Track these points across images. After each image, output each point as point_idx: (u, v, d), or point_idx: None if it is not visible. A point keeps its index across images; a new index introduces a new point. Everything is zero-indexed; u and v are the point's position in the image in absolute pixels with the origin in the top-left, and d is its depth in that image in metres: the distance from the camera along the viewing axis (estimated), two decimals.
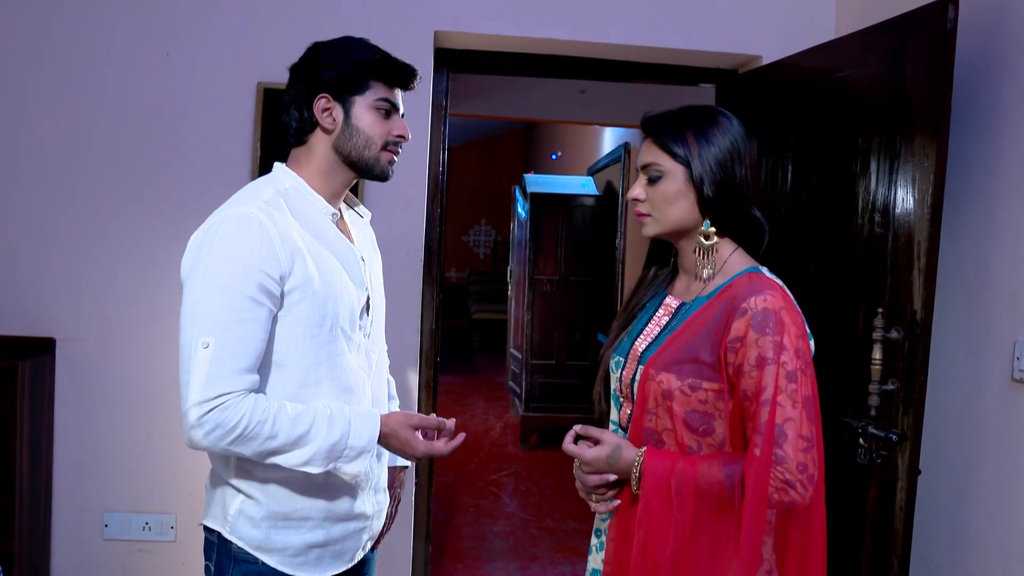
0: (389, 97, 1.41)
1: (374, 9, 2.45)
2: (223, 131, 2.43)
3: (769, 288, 1.28)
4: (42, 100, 2.38)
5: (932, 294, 1.80)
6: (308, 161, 1.42)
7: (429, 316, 2.65)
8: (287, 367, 1.33)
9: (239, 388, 1.24)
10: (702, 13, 2.54)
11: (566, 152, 8.08)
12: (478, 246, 11.70)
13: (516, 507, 4.25)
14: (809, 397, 1.24)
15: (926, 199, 1.80)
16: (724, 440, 1.30)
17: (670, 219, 1.36)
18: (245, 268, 1.25)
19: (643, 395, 1.34)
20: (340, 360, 1.37)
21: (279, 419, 1.26)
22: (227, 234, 1.27)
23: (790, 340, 1.24)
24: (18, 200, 2.39)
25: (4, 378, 2.22)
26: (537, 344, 5.46)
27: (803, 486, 1.21)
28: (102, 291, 2.42)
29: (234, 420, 1.22)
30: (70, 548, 2.46)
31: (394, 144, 1.43)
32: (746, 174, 1.35)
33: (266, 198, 1.34)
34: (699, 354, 1.30)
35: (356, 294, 1.40)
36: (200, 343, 1.23)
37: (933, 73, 1.79)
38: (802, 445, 1.21)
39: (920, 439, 1.82)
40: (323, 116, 1.39)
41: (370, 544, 1.53)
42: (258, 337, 1.27)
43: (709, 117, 1.36)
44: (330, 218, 1.41)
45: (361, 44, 1.41)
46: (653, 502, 1.28)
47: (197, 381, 1.22)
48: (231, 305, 1.24)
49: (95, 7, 2.38)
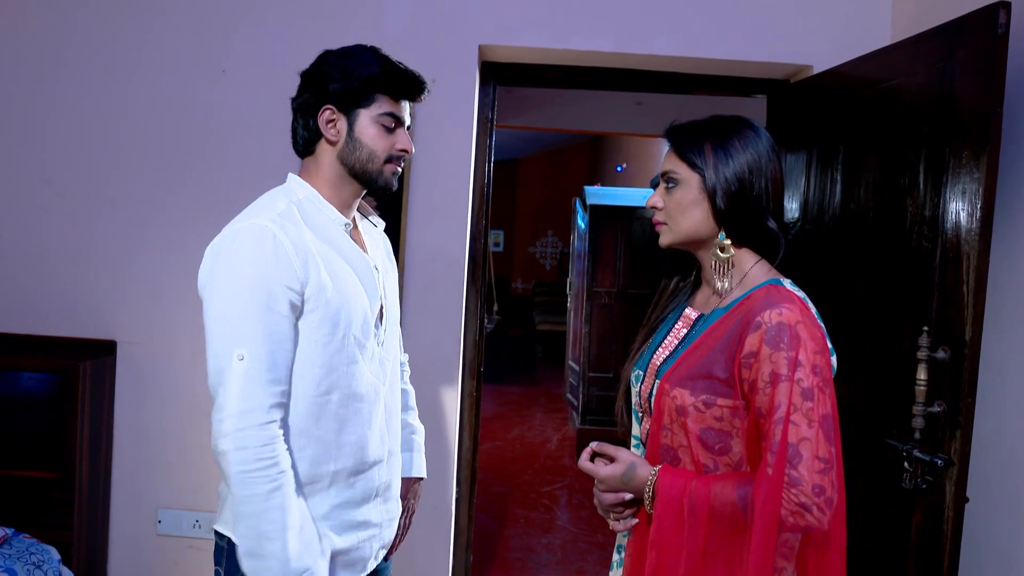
0: (394, 111, 1.42)
1: (419, 23, 2.50)
2: (275, 142, 2.50)
3: (786, 301, 1.24)
4: (106, 114, 2.52)
5: (981, 312, 1.71)
6: (317, 172, 1.44)
7: (473, 326, 2.67)
8: (301, 375, 1.34)
9: (272, 401, 1.28)
10: (747, 23, 2.50)
11: (631, 164, 8.02)
12: (544, 257, 11.72)
13: (567, 520, 4.22)
14: (827, 416, 1.20)
15: (975, 212, 1.71)
16: (741, 459, 1.27)
17: (684, 228, 1.34)
18: (267, 281, 1.28)
19: (659, 410, 1.32)
20: (352, 368, 1.38)
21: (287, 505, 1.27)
22: (242, 246, 1.30)
23: (806, 356, 1.19)
24: (83, 209, 2.53)
25: (67, 378, 2.34)
26: (594, 357, 5.42)
27: (820, 510, 1.16)
28: (159, 296, 2.53)
29: (265, 452, 1.26)
30: (125, 542, 2.57)
31: (397, 158, 1.44)
32: (766, 188, 1.32)
33: (280, 210, 1.36)
34: (713, 369, 1.27)
35: (370, 303, 1.42)
36: (235, 355, 1.25)
37: (983, 81, 1.71)
38: (819, 467, 1.17)
39: (968, 464, 1.73)
40: (327, 128, 1.40)
41: (383, 553, 1.54)
42: (287, 348, 1.30)
43: (732, 128, 1.34)
44: (343, 228, 1.43)
45: (369, 56, 1.41)
46: (665, 522, 1.26)
47: (232, 392, 1.25)
48: (260, 318, 1.27)
49: (157, 28, 2.51)
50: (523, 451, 5.51)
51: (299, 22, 2.50)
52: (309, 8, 2.50)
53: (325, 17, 2.50)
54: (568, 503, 4.49)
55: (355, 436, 1.41)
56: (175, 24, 2.51)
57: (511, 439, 5.80)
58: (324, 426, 1.36)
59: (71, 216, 2.53)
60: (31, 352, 2.46)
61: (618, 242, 5.43)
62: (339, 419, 1.38)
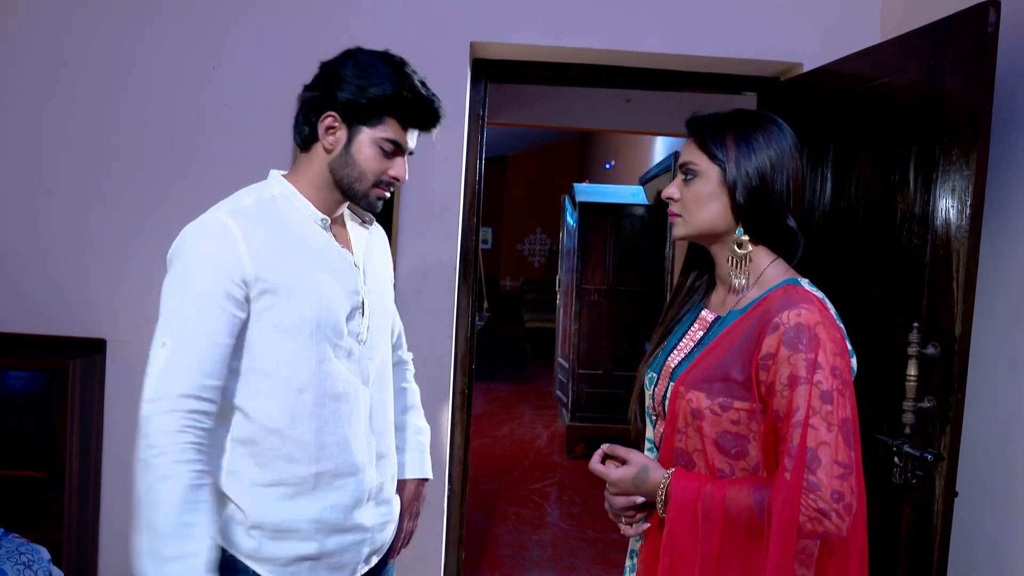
0: (397, 139, 1.37)
1: (411, 20, 2.49)
2: (266, 140, 2.50)
3: (804, 302, 1.21)
4: (97, 112, 2.50)
5: (971, 308, 1.73)
6: (306, 172, 1.41)
7: (464, 324, 2.67)
8: (269, 374, 1.32)
9: (185, 391, 1.23)
10: (737, 21, 2.51)
11: (619, 162, 8.04)
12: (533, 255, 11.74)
13: (558, 516, 4.23)
14: (847, 420, 1.16)
15: (965, 210, 1.73)
16: (758, 464, 1.23)
17: (700, 221, 1.30)
18: (205, 272, 1.27)
19: (673, 413, 1.28)
20: (325, 367, 1.34)
21: (174, 489, 1.20)
22: (192, 239, 1.30)
23: (825, 357, 1.16)
24: (73, 207, 2.51)
25: (56, 377, 2.32)
26: (584, 354, 5.43)
27: (839, 516, 1.13)
28: (149, 294, 2.47)
29: (160, 440, 1.21)
30: (115, 541, 2.55)
31: (387, 183, 1.40)
32: (787, 185, 1.28)
33: (244, 204, 1.34)
34: (730, 372, 1.23)
35: (343, 299, 1.37)
36: (159, 342, 1.25)
37: (973, 79, 1.73)
38: (838, 472, 1.13)
39: (957, 459, 1.75)
40: (326, 134, 1.37)
41: (375, 559, 1.49)
42: (219, 341, 1.26)
43: (756, 123, 1.30)
44: (319, 224, 1.39)
45: (389, 74, 1.34)
46: (679, 527, 1.22)
47: (151, 379, 1.24)
48: (190, 308, 1.26)
49: (146, 25, 2.48)
50: (513, 448, 5.52)
51: (291, 19, 2.49)
52: (302, 6, 2.49)
53: (318, 14, 2.49)
54: (558, 500, 4.50)
55: (335, 438, 1.36)
56: (168, 23, 2.49)
57: (501, 436, 5.81)
58: (301, 427, 1.33)
59: (60, 214, 2.50)
60: (20, 351, 2.44)
61: (607, 239, 5.44)
62: (316, 419, 1.34)
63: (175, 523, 1.19)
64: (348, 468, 1.39)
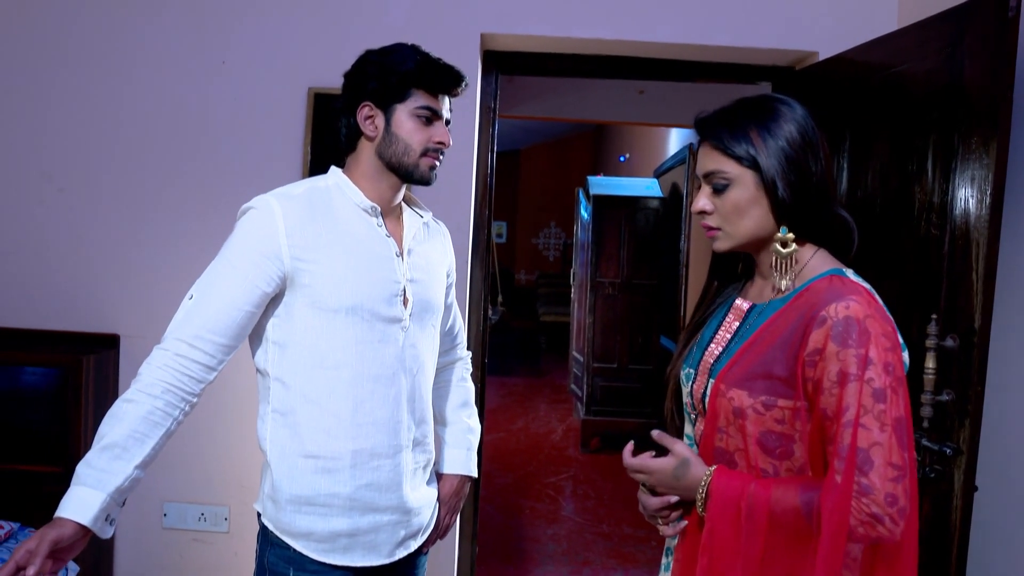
0: (431, 105, 1.43)
1: (420, 12, 2.48)
2: (276, 135, 2.50)
3: (853, 293, 1.14)
4: (107, 108, 2.51)
5: (991, 299, 1.69)
6: (356, 166, 1.48)
7: (477, 317, 2.66)
8: (307, 348, 1.39)
9: (189, 340, 1.33)
10: (751, 9, 2.47)
11: (634, 154, 8.00)
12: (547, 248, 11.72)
13: (572, 511, 4.22)
14: (901, 419, 1.09)
15: (985, 199, 1.69)
16: (804, 464, 1.16)
17: (744, 231, 1.23)
18: (242, 243, 1.37)
19: (713, 412, 1.23)
20: (362, 348, 1.40)
21: (129, 413, 1.29)
22: (241, 216, 1.42)
23: (877, 353, 1.09)
24: (84, 203, 2.52)
25: (70, 372, 2.34)
26: (599, 347, 5.41)
27: (892, 521, 1.07)
28: (162, 289, 2.51)
29: (141, 368, 1.33)
30: (131, 535, 2.57)
31: (434, 151, 1.45)
32: (822, 166, 1.20)
33: (294, 191, 1.43)
34: (773, 369, 1.16)
35: (380, 285, 1.42)
36: (188, 295, 1.38)
37: (993, 65, 1.69)
38: (892, 474, 1.07)
39: (976, 453, 1.72)
40: (366, 124, 1.44)
41: (413, 544, 1.52)
42: (235, 305, 1.35)
43: (768, 107, 1.22)
44: (368, 211, 1.45)
45: (407, 52, 1.43)
46: (719, 526, 1.16)
47: (172, 324, 1.36)
48: (220, 271, 1.37)
49: (154, 19, 2.49)
50: (528, 442, 5.51)
51: (300, 13, 2.48)
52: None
53: (327, 7, 2.48)
54: (573, 494, 4.49)
55: (372, 418, 1.41)
56: (176, 18, 2.49)
57: (516, 430, 5.80)
58: (337, 402, 1.39)
59: (72, 210, 2.52)
60: (34, 347, 2.45)
61: (621, 232, 5.41)
62: (354, 399, 1.40)
63: (113, 441, 1.26)
64: (385, 450, 1.43)
